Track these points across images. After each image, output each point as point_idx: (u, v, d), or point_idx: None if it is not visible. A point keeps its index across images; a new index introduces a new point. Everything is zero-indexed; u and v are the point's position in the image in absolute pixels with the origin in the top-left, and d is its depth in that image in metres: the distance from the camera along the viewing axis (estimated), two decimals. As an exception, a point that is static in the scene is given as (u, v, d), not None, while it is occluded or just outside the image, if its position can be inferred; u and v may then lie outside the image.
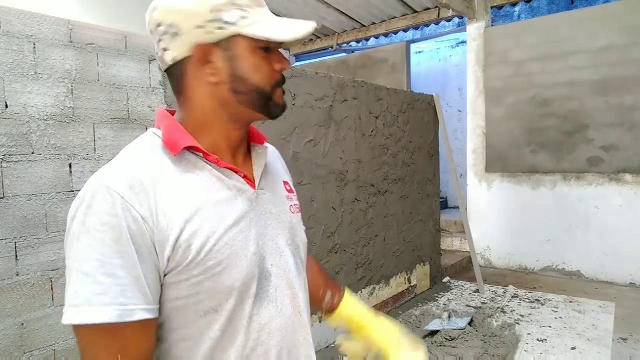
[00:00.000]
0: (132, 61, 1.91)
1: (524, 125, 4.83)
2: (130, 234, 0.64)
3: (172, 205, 0.69)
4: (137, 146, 0.75)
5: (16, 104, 1.57)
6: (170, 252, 0.67)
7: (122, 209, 0.64)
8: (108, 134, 1.83)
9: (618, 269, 4.33)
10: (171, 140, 0.74)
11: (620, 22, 4.24)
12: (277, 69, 0.77)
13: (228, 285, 0.71)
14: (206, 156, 0.75)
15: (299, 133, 2.80)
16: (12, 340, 1.54)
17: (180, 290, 0.69)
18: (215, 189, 0.74)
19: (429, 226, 4.29)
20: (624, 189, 4.29)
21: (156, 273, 0.67)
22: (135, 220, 0.65)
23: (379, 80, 5.45)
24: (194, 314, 0.71)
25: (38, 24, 1.63)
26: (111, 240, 0.63)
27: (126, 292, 0.63)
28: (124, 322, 0.63)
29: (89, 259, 0.63)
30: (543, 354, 2.79)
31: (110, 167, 0.70)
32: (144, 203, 0.66)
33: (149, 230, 0.66)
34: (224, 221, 0.72)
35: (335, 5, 5.72)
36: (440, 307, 3.70)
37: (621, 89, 4.27)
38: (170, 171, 0.72)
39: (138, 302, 0.64)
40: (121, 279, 0.63)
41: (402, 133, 3.83)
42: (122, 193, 0.65)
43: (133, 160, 0.71)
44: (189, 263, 0.68)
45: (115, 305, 0.62)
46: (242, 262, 0.73)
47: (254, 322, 0.75)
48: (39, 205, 1.62)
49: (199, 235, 0.69)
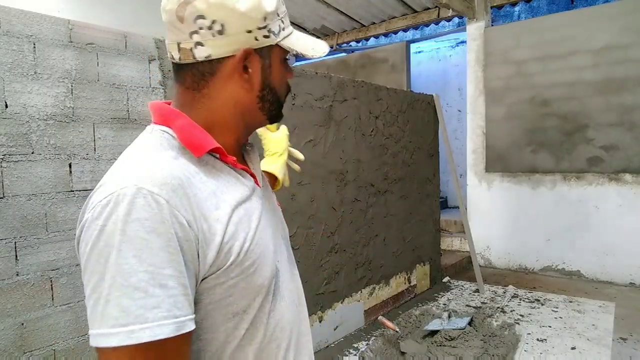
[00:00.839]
0: (132, 61, 1.91)
1: (524, 125, 4.83)
2: (179, 241, 0.60)
3: (209, 208, 0.66)
4: (153, 145, 0.70)
5: (16, 104, 1.57)
6: (213, 258, 0.64)
7: (170, 215, 0.60)
8: (108, 134, 1.83)
9: (618, 269, 4.33)
10: (195, 141, 0.70)
11: (620, 22, 4.24)
12: (289, 78, 0.81)
13: (259, 285, 0.71)
14: (224, 157, 0.73)
15: (299, 133, 2.80)
16: (12, 340, 1.54)
17: (214, 295, 0.67)
18: (237, 189, 0.73)
19: (429, 226, 4.29)
20: (624, 189, 4.29)
21: (194, 280, 0.64)
22: (182, 227, 0.61)
23: (379, 80, 5.44)
24: (223, 317, 0.69)
25: (38, 24, 1.63)
26: (160, 249, 0.58)
27: (178, 303, 0.59)
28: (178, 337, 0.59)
29: (137, 271, 0.57)
30: (543, 354, 2.79)
31: (139, 170, 0.63)
32: (187, 207, 0.63)
33: (193, 236, 0.62)
34: (253, 220, 0.72)
35: (335, 5, 5.72)
36: (440, 307, 3.70)
37: (621, 89, 4.27)
38: (196, 173, 0.68)
39: (188, 312, 0.60)
40: (172, 290, 0.59)
41: (402, 133, 3.83)
42: (167, 197, 0.61)
43: (159, 161, 0.66)
44: (229, 265, 0.66)
45: (171, 319, 0.58)
46: (269, 260, 0.73)
47: (272, 319, 0.75)
48: (39, 205, 1.62)
49: (238, 236, 0.68)
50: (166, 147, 0.69)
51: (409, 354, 2.71)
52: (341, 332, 3.15)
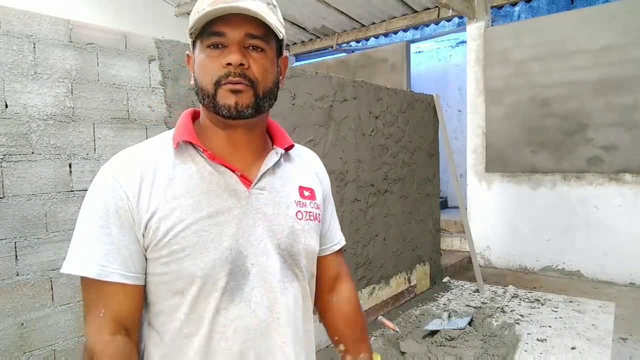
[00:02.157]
0: (132, 61, 1.91)
1: (524, 125, 4.83)
2: (117, 209, 0.75)
3: (155, 190, 0.76)
4: (155, 138, 0.85)
5: (16, 104, 1.57)
6: (143, 230, 0.75)
7: (113, 188, 0.75)
8: (108, 134, 1.83)
9: (618, 269, 4.33)
10: (176, 135, 0.81)
11: (620, 22, 4.24)
12: (222, 65, 0.75)
13: (191, 272, 0.75)
14: (204, 152, 0.79)
15: (299, 133, 2.80)
16: (12, 340, 1.54)
17: (155, 267, 0.77)
18: (202, 181, 0.78)
19: (429, 226, 4.29)
20: (624, 189, 4.29)
21: (137, 246, 0.76)
22: (122, 199, 0.75)
23: (379, 80, 5.44)
24: (166, 293, 0.77)
25: (38, 24, 1.63)
26: (102, 213, 0.75)
27: (108, 256, 0.74)
28: (103, 281, 0.74)
29: (86, 223, 0.76)
30: (543, 354, 2.79)
31: (120, 154, 0.80)
32: (131, 183, 0.76)
33: (130, 207, 0.75)
34: (198, 212, 0.76)
35: (335, 5, 5.72)
36: (440, 307, 3.70)
37: (621, 89, 4.27)
38: (167, 161, 0.79)
39: (116, 267, 0.74)
40: (106, 245, 0.74)
41: (402, 133, 3.83)
42: (115, 174, 0.76)
43: (137, 148, 0.82)
44: (157, 243, 0.75)
45: (96, 264, 0.73)
46: (209, 253, 0.76)
47: (221, 317, 0.77)
48: (39, 205, 1.62)
49: (167, 220, 0.75)
50: (161, 140, 0.83)
51: (409, 354, 2.71)
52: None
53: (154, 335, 0.80)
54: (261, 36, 0.76)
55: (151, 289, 0.79)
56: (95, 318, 0.74)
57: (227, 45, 0.75)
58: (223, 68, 0.75)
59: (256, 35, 0.76)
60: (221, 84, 0.75)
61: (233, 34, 0.75)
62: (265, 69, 0.78)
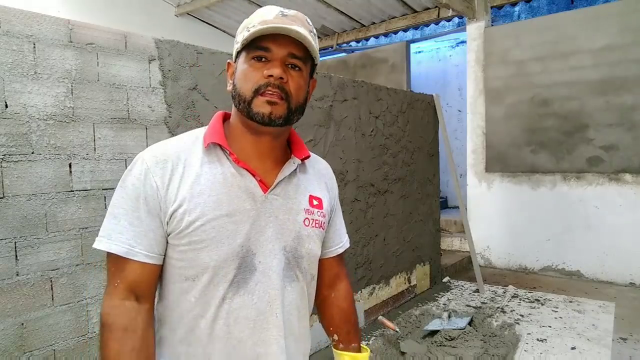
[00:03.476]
0: (132, 61, 1.91)
1: (524, 125, 4.83)
2: (146, 197, 0.84)
3: (183, 184, 0.85)
4: (188, 134, 0.94)
5: (16, 104, 1.57)
6: (168, 218, 0.85)
7: (145, 177, 0.85)
8: (108, 134, 1.83)
9: (618, 269, 4.33)
10: (207, 136, 0.90)
11: (620, 22, 4.24)
12: (265, 76, 0.84)
13: (205, 262, 0.85)
14: (230, 154, 0.88)
15: (299, 133, 2.80)
16: (12, 340, 1.54)
17: (173, 253, 0.86)
18: (225, 182, 0.87)
19: (429, 226, 4.29)
20: (624, 189, 4.29)
21: (162, 231, 0.86)
22: (152, 187, 0.84)
23: (379, 80, 5.45)
24: (178, 277, 0.87)
25: (38, 24, 1.63)
26: (133, 198, 0.84)
27: (137, 237, 0.84)
28: (128, 259, 0.83)
29: (119, 206, 0.85)
30: (543, 354, 2.79)
31: (154, 146, 0.90)
32: (162, 175, 0.85)
33: (159, 197, 0.84)
34: (219, 209, 0.85)
35: (335, 5, 5.72)
36: (440, 307, 3.70)
37: (621, 89, 4.27)
38: (197, 158, 0.88)
39: (142, 248, 0.84)
40: (136, 227, 0.84)
41: (402, 133, 3.83)
42: (150, 165, 0.86)
43: (171, 142, 0.91)
44: (179, 232, 0.84)
45: (126, 245, 0.83)
46: (223, 248, 0.85)
47: (225, 304, 0.86)
48: (39, 205, 1.62)
49: (191, 213, 0.84)
50: (193, 137, 0.92)
51: (409, 354, 2.71)
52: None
53: (167, 311, 0.89)
54: (301, 57, 0.86)
55: (166, 270, 0.88)
56: (110, 288, 0.84)
57: (271, 60, 0.85)
58: (264, 78, 0.84)
59: (297, 56, 0.86)
60: (260, 92, 0.84)
61: (278, 50, 0.84)
62: (299, 86, 0.88)
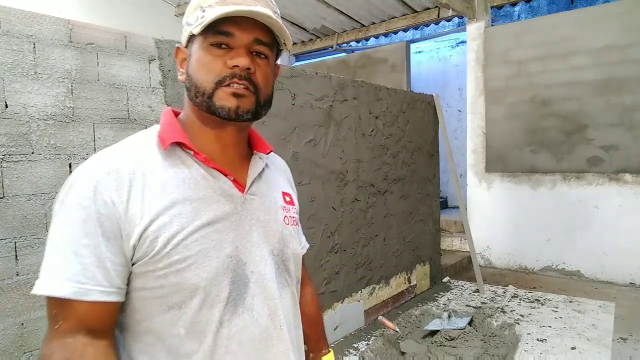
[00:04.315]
0: (132, 61, 1.91)
1: (524, 125, 4.83)
2: (99, 217, 0.67)
3: (148, 196, 0.70)
4: (133, 138, 0.78)
5: (16, 104, 1.57)
6: (136, 241, 0.68)
7: (95, 193, 0.67)
8: (108, 134, 1.83)
9: (618, 269, 4.33)
10: (163, 135, 0.76)
11: (620, 22, 4.24)
12: (229, 66, 0.73)
13: (193, 283, 0.70)
14: (195, 155, 0.76)
15: (299, 133, 2.80)
16: (12, 340, 1.54)
17: (147, 281, 0.70)
18: (197, 186, 0.74)
19: (429, 226, 4.29)
20: (624, 189, 4.29)
21: (122, 258, 0.68)
22: (105, 204, 0.67)
23: (379, 80, 5.44)
24: (159, 308, 0.70)
25: (38, 24, 1.63)
26: (80, 221, 0.66)
27: (86, 271, 0.66)
28: (76, 300, 0.65)
29: (59, 235, 0.67)
30: (543, 354, 2.79)
31: (98, 155, 0.73)
32: (117, 189, 0.68)
33: (117, 215, 0.67)
34: (198, 219, 0.72)
35: (335, 5, 5.72)
36: (440, 307, 3.70)
37: (621, 89, 4.27)
38: (156, 164, 0.73)
39: (96, 283, 0.66)
40: (84, 258, 0.66)
41: (402, 133, 3.83)
42: (99, 178, 0.68)
43: (120, 150, 0.74)
44: (154, 255, 0.68)
45: (72, 283, 0.65)
46: (212, 262, 0.72)
47: (224, 329, 0.73)
48: (39, 205, 1.62)
49: (167, 228, 0.69)
50: (144, 139, 0.77)
51: (409, 354, 2.71)
52: (341, 332, 3.15)
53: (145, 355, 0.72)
54: (268, 43, 0.76)
55: (137, 305, 0.71)
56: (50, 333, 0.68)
57: (233, 47, 0.73)
58: (228, 69, 0.73)
59: (264, 42, 0.75)
60: (223, 84, 0.73)
61: (242, 36, 0.73)
62: (267, 76, 0.78)
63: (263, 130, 2.18)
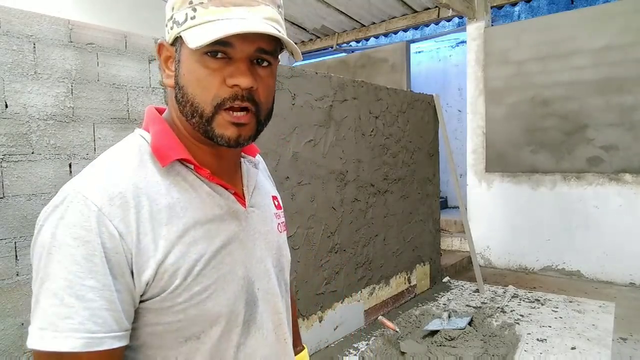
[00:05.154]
0: (132, 61, 1.91)
1: (524, 125, 4.83)
2: (105, 251, 0.57)
3: (158, 223, 0.61)
4: (121, 151, 0.66)
5: (16, 104, 1.57)
6: (150, 277, 0.59)
7: (98, 223, 0.57)
8: (108, 134, 1.83)
9: (618, 269, 4.33)
10: (161, 149, 0.65)
11: (620, 22, 4.24)
12: (229, 85, 0.62)
13: (215, 313, 0.65)
14: (197, 169, 0.67)
15: (299, 133, 2.80)
16: (12, 340, 1.54)
17: (161, 317, 0.62)
18: (204, 207, 0.66)
19: (429, 226, 4.29)
20: (624, 189, 4.29)
21: (129, 297, 0.59)
22: (112, 237, 0.57)
23: (379, 80, 5.45)
24: (174, 341, 0.64)
25: (38, 24, 1.63)
26: (83, 258, 0.55)
27: (96, 317, 0.56)
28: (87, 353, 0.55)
29: (58, 277, 0.55)
30: (543, 354, 2.79)
31: (89, 175, 0.61)
32: (123, 218, 0.59)
33: (126, 249, 0.58)
34: (213, 243, 0.66)
35: (335, 5, 5.72)
36: (440, 307, 3.70)
37: (621, 89, 4.27)
38: (157, 184, 0.64)
39: (108, 329, 0.56)
40: (91, 302, 0.55)
41: (402, 133, 3.83)
42: (100, 205, 0.58)
43: (115, 167, 0.63)
44: (174, 290, 0.61)
45: (82, 333, 0.55)
46: (230, 287, 0.67)
47: (241, 352, 0.69)
48: (39, 205, 1.62)
49: (185, 259, 0.62)
50: (136, 153, 0.66)
51: (409, 354, 2.71)
52: (341, 332, 3.15)
53: None
54: (272, 51, 0.65)
55: (148, 341, 0.63)
56: None
57: (233, 57, 0.62)
58: (228, 88, 0.62)
59: (267, 51, 0.64)
60: (223, 108, 0.63)
61: (243, 47, 0.62)
62: (270, 88, 0.68)
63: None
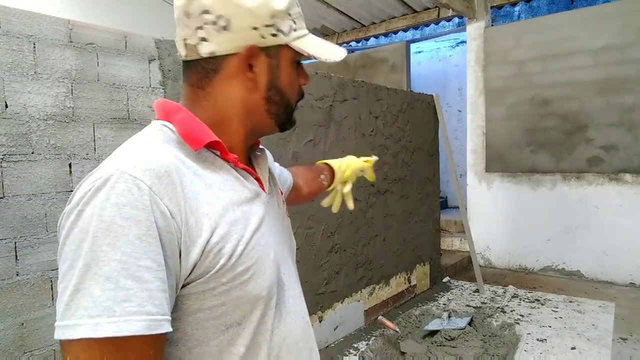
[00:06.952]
0: (132, 61, 1.91)
1: (524, 125, 4.83)
2: (159, 231, 0.55)
3: (200, 203, 0.61)
4: (149, 136, 0.66)
5: (16, 104, 1.57)
6: (197, 257, 0.59)
7: (150, 202, 0.55)
8: (108, 134, 1.83)
9: (618, 269, 4.33)
10: (193, 134, 0.66)
11: (620, 22, 4.24)
12: (302, 84, 0.78)
13: (256, 294, 0.65)
14: (224, 155, 0.69)
15: (299, 133, 2.80)
16: (12, 340, 1.54)
17: (204, 301, 0.61)
18: (236, 189, 0.68)
19: (429, 226, 4.29)
20: (624, 189, 4.29)
21: (174, 280, 0.58)
22: (164, 216, 0.56)
23: (379, 80, 5.45)
24: (215, 329, 0.63)
25: (38, 24, 1.63)
26: (136, 238, 0.53)
27: (154, 298, 0.53)
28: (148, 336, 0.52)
29: (110, 259, 0.52)
30: (543, 354, 2.79)
31: (128, 156, 0.60)
32: (172, 197, 0.58)
33: (176, 228, 0.57)
34: (250, 224, 0.67)
35: (335, 5, 5.72)
36: (440, 307, 3.70)
37: (621, 89, 4.27)
38: (192, 167, 0.64)
39: (163, 312, 0.54)
40: (148, 283, 0.53)
41: (402, 133, 3.83)
42: (150, 183, 0.56)
43: (153, 149, 0.62)
44: (218, 269, 0.61)
45: (142, 315, 0.52)
46: (267, 269, 0.68)
47: (275, 336, 0.70)
48: (39, 205, 1.62)
49: (230, 238, 0.62)
50: (163, 141, 0.66)
51: (409, 354, 2.71)
52: (341, 332, 3.15)
53: None
54: None
55: (189, 331, 0.62)
56: None
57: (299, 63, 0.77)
58: (300, 86, 0.78)
59: None
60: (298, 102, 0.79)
61: None
62: None
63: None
